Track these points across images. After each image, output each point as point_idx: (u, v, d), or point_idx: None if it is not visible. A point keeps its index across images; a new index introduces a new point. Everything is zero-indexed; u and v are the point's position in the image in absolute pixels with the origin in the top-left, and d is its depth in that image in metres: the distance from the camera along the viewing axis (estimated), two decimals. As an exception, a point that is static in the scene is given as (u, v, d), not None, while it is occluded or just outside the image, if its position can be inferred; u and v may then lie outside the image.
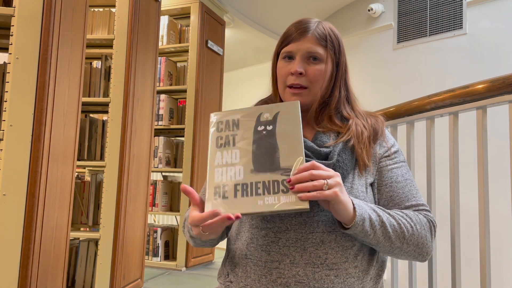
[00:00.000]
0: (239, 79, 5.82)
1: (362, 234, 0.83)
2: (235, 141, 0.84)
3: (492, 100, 1.30)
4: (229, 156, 0.82)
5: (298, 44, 0.96)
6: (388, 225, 0.84)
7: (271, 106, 0.87)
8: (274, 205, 0.76)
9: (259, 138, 0.83)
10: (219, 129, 0.86)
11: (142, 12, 2.47)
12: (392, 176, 0.95)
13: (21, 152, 1.48)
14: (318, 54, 0.95)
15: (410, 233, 0.86)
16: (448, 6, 3.66)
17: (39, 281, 1.55)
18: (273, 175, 0.78)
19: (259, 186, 0.78)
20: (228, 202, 0.77)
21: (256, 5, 4.28)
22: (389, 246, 0.86)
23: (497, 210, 1.86)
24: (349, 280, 0.86)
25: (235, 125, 0.85)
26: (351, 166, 0.92)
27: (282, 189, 0.77)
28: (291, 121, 0.84)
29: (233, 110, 0.88)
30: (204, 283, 2.88)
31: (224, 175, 0.80)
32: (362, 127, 0.97)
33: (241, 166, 0.81)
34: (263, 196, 0.77)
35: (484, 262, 1.27)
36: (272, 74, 1.04)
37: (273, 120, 0.84)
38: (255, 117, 0.85)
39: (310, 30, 0.96)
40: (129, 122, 2.33)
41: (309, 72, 0.95)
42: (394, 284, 1.67)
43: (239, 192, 0.78)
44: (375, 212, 0.84)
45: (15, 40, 1.48)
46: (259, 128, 0.84)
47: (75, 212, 2.29)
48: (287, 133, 0.82)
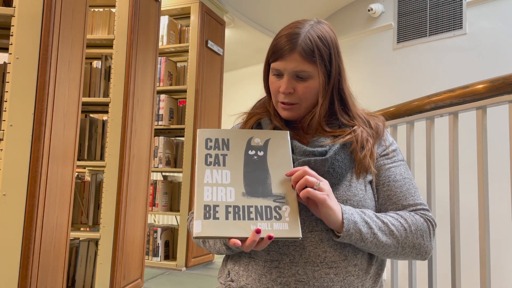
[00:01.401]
0: (239, 79, 5.82)
1: (353, 243, 0.85)
2: (225, 161, 0.83)
3: (492, 100, 1.30)
4: (219, 176, 0.81)
5: (284, 63, 0.92)
6: (380, 233, 0.85)
7: (262, 132, 0.88)
8: (268, 231, 0.76)
9: (250, 162, 0.83)
10: (208, 146, 0.85)
11: (142, 12, 2.47)
12: (390, 175, 0.95)
13: (21, 152, 1.48)
14: (305, 73, 0.91)
15: (404, 237, 0.87)
16: (448, 6, 3.66)
17: (39, 281, 1.55)
18: (265, 201, 0.79)
19: (252, 211, 0.78)
20: (219, 224, 0.76)
21: (256, 5, 4.28)
22: (383, 252, 0.87)
23: (497, 210, 1.86)
24: (349, 278, 0.86)
25: (225, 145, 0.85)
26: (350, 165, 0.92)
27: (275, 215, 0.77)
28: (281, 149, 0.85)
29: (222, 129, 0.88)
30: (204, 283, 2.88)
31: (214, 194, 0.79)
32: (367, 136, 0.96)
33: (232, 188, 0.80)
34: (255, 221, 0.77)
35: (484, 262, 1.27)
36: (264, 81, 1.02)
37: (264, 146, 0.85)
38: (245, 140, 0.86)
39: (297, 45, 0.90)
40: (129, 122, 2.33)
41: (298, 90, 0.93)
42: (393, 284, 1.67)
43: (230, 215, 0.77)
44: (366, 224, 0.84)
45: (15, 40, 1.48)
46: (250, 152, 0.84)
47: (75, 212, 2.29)
48: (278, 161, 0.84)
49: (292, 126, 1.02)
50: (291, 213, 0.78)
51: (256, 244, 0.76)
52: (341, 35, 4.43)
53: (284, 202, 0.79)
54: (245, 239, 0.75)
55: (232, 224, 0.76)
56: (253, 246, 0.76)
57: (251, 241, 0.75)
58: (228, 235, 0.75)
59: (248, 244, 0.75)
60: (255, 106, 1.08)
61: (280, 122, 0.99)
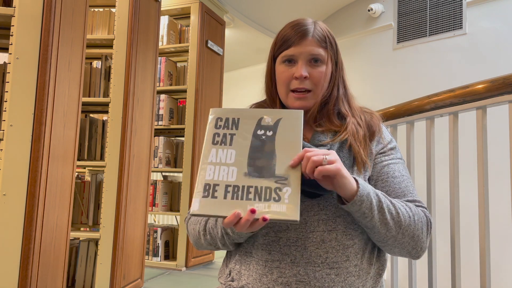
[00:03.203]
0: (239, 79, 5.82)
1: (359, 214, 0.83)
2: (232, 140, 0.82)
3: (492, 100, 1.30)
4: (223, 155, 0.81)
5: (299, 47, 0.94)
6: (387, 210, 0.84)
7: (274, 111, 0.85)
8: (264, 212, 0.74)
9: (257, 142, 0.82)
10: (217, 125, 0.84)
11: (142, 12, 2.47)
12: (388, 171, 0.95)
13: (21, 152, 1.48)
14: (321, 56, 0.95)
15: (407, 223, 0.86)
16: (448, 6, 3.66)
17: (39, 281, 1.55)
18: (267, 182, 0.77)
19: (251, 191, 0.77)
20: (216, 202, 0.76)
21: (256, 5, 4.28)
22: (384, 234, 0.86)
23: (497, 210, 1.86)
24: (350, 279, 0.87)
25: (234, 125, 0.84)
26: (349, 164, 0.93)
27: (274, 197, 0.76)
28: (292, 129, 0.82)
29: (234, 108, 0.86)
30: (204, 283, 2.88)
31: (216, 173, 0.79)
32: (357, 125, 0.97)
33: (235, 167, 0.79)
34: (253, 201, 0.75)
35: (484, 262, 1.27)
36: (270, 78, 1.02)
37: (274, 125, 0.83)
38: (256, 120, 0.84)
39: (309, 32, 0.95)
40: (129, 122, 2.33)
41: (314, 75, 0.95)
42: (394, 284, 1.67)
43: (229, 194, 0.77)
44: (377, 195, 0.84)
45: (15, 40, 1.49)
46: (258, 132, 0.83)
47: (75, 212, 2.29)
48: (287, 141, 0.81)
49: None
50: (292, 195, 0.76)
51: (250, 225, 0.75)
52: (341, 35, 4.43)
53: (285, 183, 0.77)
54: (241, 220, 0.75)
55: (230, 204, 0.76)
56: (247, 226, 0.74)
57: (244, 220, 0.73)
58: (224, 214, 0.74)
59: (241, 224, 0.74)
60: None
61: None
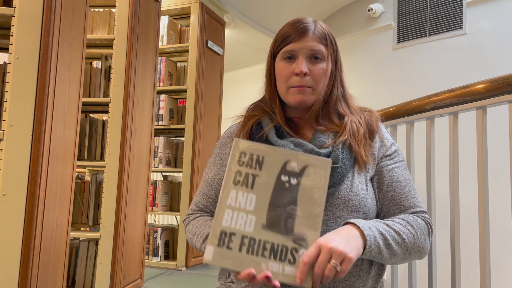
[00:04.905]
0: (239, 79, 5.82)
1: (370, 258, 0.84)
2: (254, 183, 0.78)
3: (492, 100, 1.30)
4: (243, 199, 0.77)
5: (300, 43, 0.94)
6: (393, 242, 0.85)
7: (301, 155, 0.80)
8: (277, 274, 0.73)
9: (279, 189, 0.77)
10: (240, 162, 0.79)
11: (142, 12, 2.47)
12: (393, 176, 0.95)
13: (21, 152, 1.48)
14: (321, 52, 0.95)
15: (412, 243, 0.88)
16: (448, 6, 3.66)
17: (39, 281, 1.55)
18: (284, 239, 0.74)
19: (267, 247, 0.74)
20: (231, 254, 0.73)
21: (256, 5, 4.28)
22: (394, 261, 0.88)
23: (497, 210, 1.86)
24: (350, 279, 0.87)
25: (258, 164, 0.79)
26: (350, 165, 0.93)
27: (289, 258, 0.73)
28: (318, 180, 0.78)
29: (260, 144, 0.81)
30: (204, 283, 2.88)
31: (234, 220, 0.75)
32: (357, 124, 0.97)
33: (254, 216, 0.76)
34: (267, 259, 0.73)
35: (484, 261, 1.27)
36: (269, 76, 1.02)
37: (300, 173, 0.78)
38: (281, 163, 0.79)
39: (310, 29, 0.96)
40: (129, 122, 2.33)
41: (314, 71, 0.94)
42: (394, 284, 1.68)
43: (244, 247, 0.74)
44: (381, 235, 0.84)
45: (15, 40, 1.48)
46: (282, 177, 0.78)
47: (75, 212, 2.29)
48: (310, 196, 0.77)
49: (292, 121, 1.02)
50: None
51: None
52: (341, 35, 4.43)
53: (303, 245, 0.74)
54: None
55: (244, 258, 0.73)
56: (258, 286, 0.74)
57: (257, 282, 0.72)
58: (237, 269, 0.73)
59: (253, 283, 0.73)
60: (249, 109, 1.07)
61: (282, 118, 0.99)
